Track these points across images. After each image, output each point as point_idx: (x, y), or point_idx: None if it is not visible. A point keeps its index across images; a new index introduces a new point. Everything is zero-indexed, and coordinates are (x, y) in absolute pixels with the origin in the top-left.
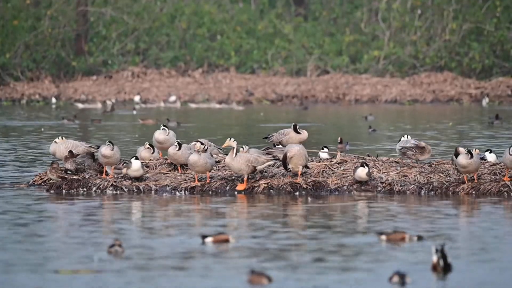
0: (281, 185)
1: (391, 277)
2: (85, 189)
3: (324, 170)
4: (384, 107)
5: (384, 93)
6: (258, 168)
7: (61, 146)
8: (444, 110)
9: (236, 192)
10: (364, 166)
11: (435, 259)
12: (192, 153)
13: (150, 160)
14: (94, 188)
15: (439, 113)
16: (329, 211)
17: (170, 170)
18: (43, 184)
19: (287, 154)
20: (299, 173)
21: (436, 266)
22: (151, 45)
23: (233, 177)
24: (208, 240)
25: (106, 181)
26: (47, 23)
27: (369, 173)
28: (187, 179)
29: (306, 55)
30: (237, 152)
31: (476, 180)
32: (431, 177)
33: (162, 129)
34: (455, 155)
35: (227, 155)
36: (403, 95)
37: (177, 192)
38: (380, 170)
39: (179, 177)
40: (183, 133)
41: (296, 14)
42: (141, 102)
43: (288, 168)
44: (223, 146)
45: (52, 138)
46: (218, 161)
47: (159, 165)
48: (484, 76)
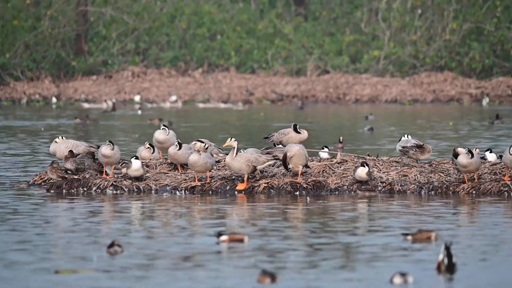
0: (281, 185)
1: (393, 277)
2: (85, 188)
3: (324, 170)
4: (384, 107)
5: (384, 93)
6: (258, 168)
7: (61, 146)
8: (444, 110)
9: (236, 192)
10: (364, 166)
11: (441, 257)
12: (192, 153)
13: (150, 159)
14: (94, 188)
15: (439, 113)
16: (332, 211)
17: (170, 170)
18: (43, 183)
19: (287, 154)
20: (299, 172)
21: (440, 265)
22: (151, 45)
23: (233, 177)
24: (223, 238)
25: (106, 181)
26: (47, 23)
27: (369, 173)
28: (187, 178)
29: (306, 55)
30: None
31: (476, 180)
32: (431, 176)
33: (162, 128)
34: (454, 156)
35: (227, 155)
36: (403, 95)
37: (177, 192)
38: (381, 170)
39: (179, 177)
40: (185, 133)
41: (296, 14)
42: (147, 102)
43: (289, 168)
44: (223, 145)
45: (52, 137)
46: (218, 161)
47: (159, 165)
48: (484, 76)
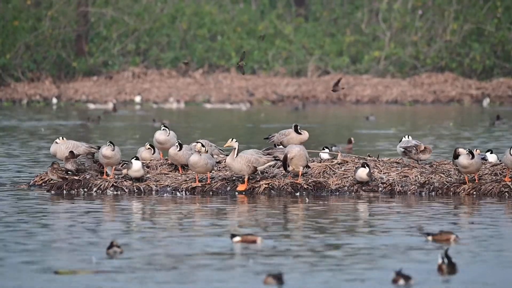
0: (282, 186)
1: (394, 278)
2: (85, 189)
3: (325, 171)
4: (385, 108)
5: (384, 93)
6: (259, 168)
7: (61, 147)
8: (445, 111)
9: (236, 193)
10: (365, 167)
11: (440, 260)
12: (193, 153)
13: (150, 160)
14: (94, 189)
15: (440, 114)
16: (338, 211)
17: (171, 171)
18: (43, 184)
19: (288, 155)
20: (300, 173)
21: (441, 267)
22: (152, 45)
23: (234, 178)
24: (236, 239)
25: (106, 181)
26: (47, 24)
27: (370, 174)
28: (188, 179)
29: (306, 56)
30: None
31: (477, 181)
32: (432, 177)
33: (163, 129)
34: (454, 157)
35: (227, 155)
36: (404, 95)
37: (178, 193)
38: (381, 171)
39: (179, 178)
40: (185, 134)
41: (296, 14)
42: (155, 104)
43: (288, 170)
44: (224, 146)
45: (53, 138)
46: (219, 162)
47: (159, 166)
48: (485, 76)
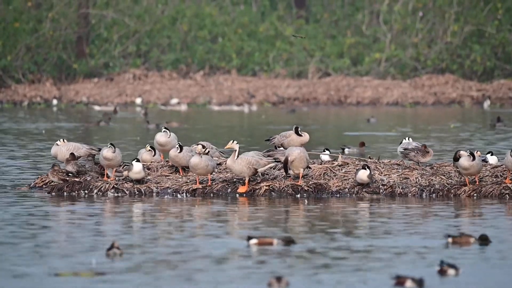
0: (283, 188)
1: (396, 279)
2: (86, 191)
3: (325, 172)
4: (386, 110)
5: (385, 95)
6: (260, 170)
7: (62, 149)
8: (445, 113)
9: (237, 195)
10: (365, 169)
11: (438, 268)
12: (193, 155)
13: (151, 162)
14: (95, 191)
15: (440, 116)
16: (341, 213)
17: (172, 173)
18: (44, 186)
19: (288, 158)
20: (301, 175)
21: (443, 268)
22: (152, 47)
23: (235, 180)
24: (253, 242)
25: (107, 183)
26: (48, 26)
27: (370, 176)
28: (189, 181)
29: (307, 58)
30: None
31: (477, 183)
32: (432, 179)
33: (163, 131)
34: (454, 159)
35: (228, 157)
36: (405, 97)
37: (179, 195)
38: (382, 173)
39: (180, 180)
40: (186, 136)
41: (297, 16)
42: (162, 105)
43: (288, 173)
44: (225, 147)
45: (54, 140)
46: (220, 164)
47: (160, 168)
48: (485, 78)
